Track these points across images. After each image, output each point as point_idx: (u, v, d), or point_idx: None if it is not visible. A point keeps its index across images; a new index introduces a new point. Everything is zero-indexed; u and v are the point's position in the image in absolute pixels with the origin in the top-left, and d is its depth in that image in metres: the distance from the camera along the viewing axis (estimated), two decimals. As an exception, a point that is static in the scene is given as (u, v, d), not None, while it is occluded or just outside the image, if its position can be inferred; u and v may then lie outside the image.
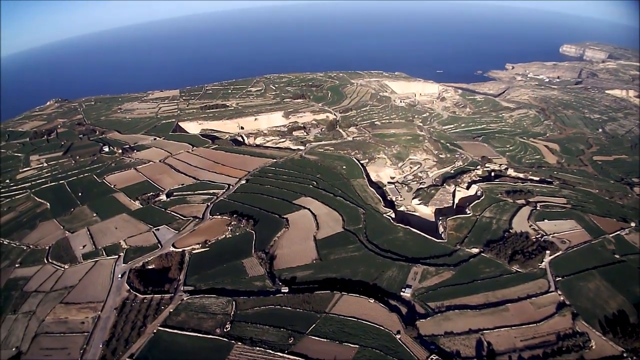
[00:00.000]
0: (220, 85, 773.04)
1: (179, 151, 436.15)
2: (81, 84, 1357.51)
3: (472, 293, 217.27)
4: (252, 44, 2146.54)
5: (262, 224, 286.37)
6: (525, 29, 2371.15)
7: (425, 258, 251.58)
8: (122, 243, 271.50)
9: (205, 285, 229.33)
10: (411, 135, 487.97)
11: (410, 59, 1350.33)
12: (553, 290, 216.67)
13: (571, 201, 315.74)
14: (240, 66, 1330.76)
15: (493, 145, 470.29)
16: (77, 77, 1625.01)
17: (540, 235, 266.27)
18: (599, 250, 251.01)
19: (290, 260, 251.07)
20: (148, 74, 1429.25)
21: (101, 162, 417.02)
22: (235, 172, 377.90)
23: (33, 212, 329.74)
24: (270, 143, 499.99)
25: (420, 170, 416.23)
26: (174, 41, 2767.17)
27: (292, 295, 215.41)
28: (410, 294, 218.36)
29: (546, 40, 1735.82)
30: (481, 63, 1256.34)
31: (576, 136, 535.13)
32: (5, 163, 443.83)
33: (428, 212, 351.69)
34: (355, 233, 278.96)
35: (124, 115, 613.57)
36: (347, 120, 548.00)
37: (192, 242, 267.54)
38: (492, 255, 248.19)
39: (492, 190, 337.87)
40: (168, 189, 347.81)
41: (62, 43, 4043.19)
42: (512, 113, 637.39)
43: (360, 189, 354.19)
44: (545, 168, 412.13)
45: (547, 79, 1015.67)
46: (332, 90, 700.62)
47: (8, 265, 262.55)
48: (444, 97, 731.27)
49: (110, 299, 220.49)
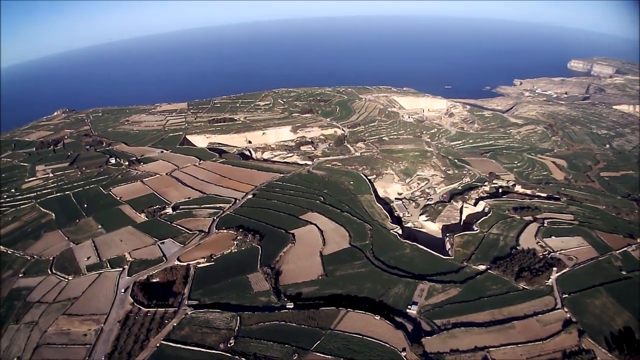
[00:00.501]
0: (228, 98, 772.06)
1: (185, 164, 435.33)
2: (89, 95, 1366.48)
3: (479, 310, 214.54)
4: (260, 58, 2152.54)
5: (268, 239, 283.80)
6: (534, 44, 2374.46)
7: (431, 275, 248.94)
8: (126, 256, 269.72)
9: (210, 299, 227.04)
10: (419, 151, 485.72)
11: (419, 74, 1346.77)
12: (559, 307, 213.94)
13: (578, 218, 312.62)
14: (248, 80, 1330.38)
15: (501, 162, 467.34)
16: (85, 88, 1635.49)
17: (547, 252, 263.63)
18: (606, 267, 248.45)
19: (296, 275, 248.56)
20: (156, 87, 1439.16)
21: (107, 174, 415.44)
22: (242, 187, 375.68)
23: (38, 222, 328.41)
24: (278, 157, 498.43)
25: (428, 187, 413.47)
26: (182, 54, 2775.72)
27: (297, 311, 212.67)
28: (416, 311, 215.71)
29: (554, 55, 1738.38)
30: (489, 78, 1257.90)
31: (583, 152, 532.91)
32: (10, 172, 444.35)
33: (435, 229, 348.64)
34: (362, 249, 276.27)
35: (131, 127, 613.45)
36: (355, 136, 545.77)
37: (198, 256, 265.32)
38: (499, 272, 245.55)
39: (500, 207, 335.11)
40: (174, 202, 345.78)
41: (71, 54, 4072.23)
42: (520, 129, 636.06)
43: (368, 204, 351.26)
44: (553, 184, 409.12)
45: (555, 95, 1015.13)
46: (341, 105, 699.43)
47: (11, 275, 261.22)
48: (452, 112, 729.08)
49: (113, 312, 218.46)
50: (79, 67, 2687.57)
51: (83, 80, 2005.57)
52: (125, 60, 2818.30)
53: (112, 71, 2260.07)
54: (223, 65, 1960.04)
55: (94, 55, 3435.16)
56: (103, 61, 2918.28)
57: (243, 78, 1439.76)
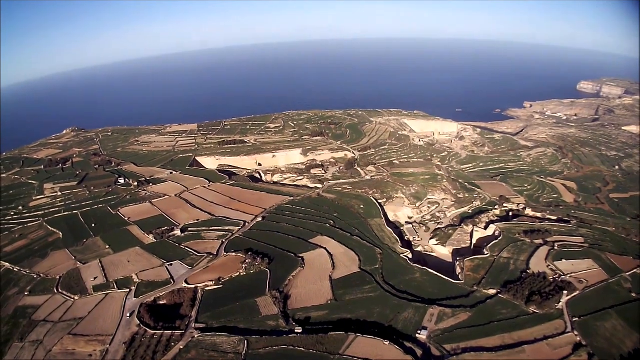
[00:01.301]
0: (238, 120, 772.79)
1: (195, 186, 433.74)
2: (98, 114, 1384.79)
3: (489, 335, 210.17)
4: (270, 80, 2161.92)
5: (277, 263, 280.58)
6: (543, 66, 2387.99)
7: (442, 299, 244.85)
8: (134, 277, 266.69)
9: (217, 323, 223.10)
10: (430, 174, 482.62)
11: (430, 97, 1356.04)
12: (570, 330, 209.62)
13: (588, 240, 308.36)
14: (258, 102, 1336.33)
15: (511, 185, 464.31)
16: (94, 107, 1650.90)
17: (558, 275, 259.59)
18: (616, 289, 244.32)
19: (304, 300, 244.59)
20: (166, 107, 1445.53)
21: (116, 194, 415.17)
22: (252, 209, 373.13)
23: (45, 240, 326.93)
24: (288, 180, 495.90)
25: (438, 210, 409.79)
26: (193, 75, 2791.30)
27: (306, 335, 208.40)
28: (426, 336, 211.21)
29: (564, 77, 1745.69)
30: (499, 101, 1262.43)
31: (593, 174, 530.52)
32: (18, 189, 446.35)
33: (445, 253, 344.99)
34: (372, 273, 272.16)
35: (140, 147, 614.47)
36: (366, 159, 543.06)
37: (206, 278, 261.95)
38: (509, 296, 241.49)
39: (510, 230, 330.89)
40: (183, 224, 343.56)
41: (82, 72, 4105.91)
42: (530, 152, 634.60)
43: (378, 228, 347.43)
44: (563, 207, 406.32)
45: (564, 117, 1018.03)
46: (351, 128, 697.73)
47: (17, 293, 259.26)
48: (462, 136, 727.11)
49: (119, 333, 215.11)
50: (89, 86, 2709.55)
51: (93, 99, 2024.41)
52: (134, 80, 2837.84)
53: (122, 91, 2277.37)
54: (233, 87, 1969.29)
55: (104, 74, 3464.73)
56: (113, 80, 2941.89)
57: (253, 100, 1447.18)
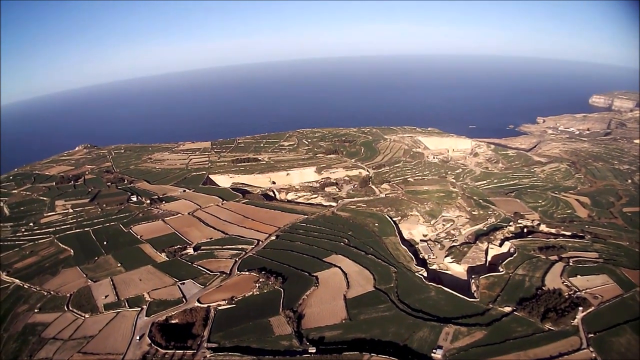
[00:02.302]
0: (252, 138, 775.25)
1: (208, 204, 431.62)
2: (111, 131, 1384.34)
3: (504, 353, 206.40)
4: (284, 98, 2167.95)
5: (291, 282, 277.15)
6: (555, 81, 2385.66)
7: (457, 318, 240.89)
8: (145, 295, 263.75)
9: (230, 342, 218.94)
10: (444, 191, 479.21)
11: (443, 113, 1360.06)
12: (585, 347, 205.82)
13: (603, 255, 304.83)
14: (272, 120, 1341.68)
15: (525, 201, 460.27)
16: (107, 124, 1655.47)
17: (573, 291, 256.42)
18: (630, 304, 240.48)
19: (318, 319, 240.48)
20: (179, 125, 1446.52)
21: (128, 212, 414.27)
22: (265, 228, 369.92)
23: (56, 257, 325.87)
24: (302, 199, 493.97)
25: (453, 228, 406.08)
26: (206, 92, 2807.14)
27: (320, 356, 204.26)
28: (441, 355, 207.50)
29: (576, 91, 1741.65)
30: (512, 117, 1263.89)
31: (606, 188, 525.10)
32: (29, 206, 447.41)
33: (460, 271, 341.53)
34: (387, 292, 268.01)
35: (153, 165, 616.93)
36: (380, 177, 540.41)
37: (218, 298, 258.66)
38: (525, 314, 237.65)
39: (525, 247, 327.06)
40: (196, 243, 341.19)
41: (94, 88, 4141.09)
42: (544, 167, 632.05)
43: (393, 246, 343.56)
44: (577, 222, 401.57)
45: (577, 132, 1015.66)
46: (365, 145, 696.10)
47: (27, 310, 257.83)
48: (476, 152, 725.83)
49: (130, 352, 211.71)
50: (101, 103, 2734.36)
51: (105, 116, 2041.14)
52: (146, 97, 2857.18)
53: (134, 108, 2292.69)
54: (246, 105, 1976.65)
55: (115, 92, 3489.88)
56: (125, 98, 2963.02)
57: (266, 118, 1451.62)
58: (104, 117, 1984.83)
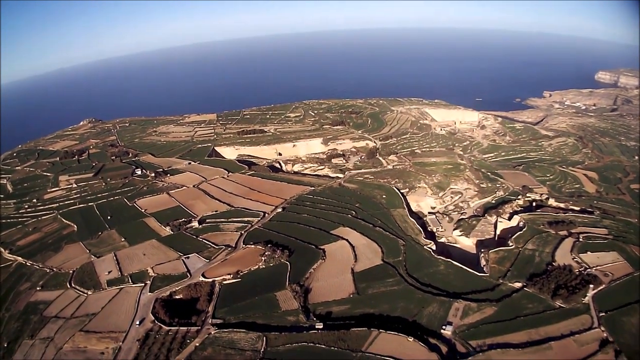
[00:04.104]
0: (258, 110, 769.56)
1: (213, 176, 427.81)
2: (116, 105, 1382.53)
3: (515, 330, 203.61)
4: (291, 70, 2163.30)
5: (297, 255, 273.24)
6: (561, 56, 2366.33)
7: (466, 293, 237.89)
8: (149, 270, 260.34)
9: (235, 318, 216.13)
10: (452, 164, 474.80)
11: (449, 86, 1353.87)
12: (596, 326, 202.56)
13: (612, 232, 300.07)
14: (278, 92, 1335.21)
15: (533, 175, 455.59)
16: (113, 99, 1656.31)
17: (584, 268, 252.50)
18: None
19: (326, 293, 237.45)
20: (185, 98, 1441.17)
21: (133, 185, 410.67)
22: (272, 200, 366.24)
23: (59, 233, 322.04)
24: (309, 170, 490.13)
25: (461, 200, 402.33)
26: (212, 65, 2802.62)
27: (327, 331, 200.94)
28: (451, 332, 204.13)
29: (581, 67, 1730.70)
30: (519, 90, 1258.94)
31: (614, 164, 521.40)
32: (33, 182, 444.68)
33: (469, 244, 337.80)
34: (395, 266, 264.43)
35: (158, 138, 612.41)
36: (387, 148, 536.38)
37: (223, 272, 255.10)
38: (535, 290, 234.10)
39: (534, 221, 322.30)
40: (201, 216, 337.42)
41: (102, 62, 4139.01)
42: (551, 141, 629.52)
43: (401, 219, 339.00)
44: (585, 197, 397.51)
45: (583, 107, 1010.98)
46: (372, 117, 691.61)
47: (29, 288, 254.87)
48: (484, 125, 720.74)
49: (133, 330, 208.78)
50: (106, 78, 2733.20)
51: (111, 91, 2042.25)
52: (153, 71, 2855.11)
53: (140, 82, 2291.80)
54: (253, 77, 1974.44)
55: (122, 66, 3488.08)
56: (131, 72, 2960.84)
57: (273, 89, 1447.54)
58: (111, 92, 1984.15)
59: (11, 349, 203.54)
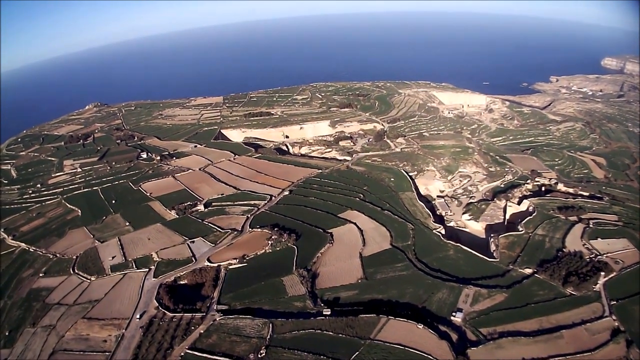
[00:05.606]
0: (265, 92, 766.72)
1: (220, 159, 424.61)
2: (122, 90, 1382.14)
3: (526, 318, 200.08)
4: (298, 53, 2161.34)
5: (304, 239, 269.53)
6: (568, 41, 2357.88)
7: (477, 279, 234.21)
8: (154, 255, 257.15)
9: (241, 304, 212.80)
10: (460, 147, 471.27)
11: (457, 69, 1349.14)
12: (607, 315, 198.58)
13: (622, 218, 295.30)
14: (285, 75, 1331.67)
15: (542, 159, 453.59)
16: (119, 83, 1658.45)
17: (594, 255, 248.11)
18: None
19: (333, 278, 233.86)
20: (191, 82, 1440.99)
21: (138, 169, 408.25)
22: (278, 183, 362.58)
23: (63, 218, 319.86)
24: (316, 153, 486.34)
25: (470, 184, 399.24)
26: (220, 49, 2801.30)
27: (335, 318, 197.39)
28: (461, 319, 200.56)
29: (588, 53, 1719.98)
30: (526, 75, 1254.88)
31: (621, 150, 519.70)
32: (37, 167, 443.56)
33: (478, 228, 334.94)
34: (404, 250, 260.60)
35: (164, 121, 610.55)
36: (395, 131, 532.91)
37: (229, 256, 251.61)
38: (546, 277, 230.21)
39: (544, 206, 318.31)
40: (206, 199, 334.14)
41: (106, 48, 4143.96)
42: (559, 126, 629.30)
43: (409, 202, 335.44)
44: (594, 183, 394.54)
45: (590, 92, 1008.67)
46: (380, 99, 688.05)
47: (32, 274, 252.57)
48: (491, 108, 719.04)
49: (136, 316, 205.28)
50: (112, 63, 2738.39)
51: (117, 75, 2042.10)
52: (158, 55, 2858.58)
53: (146, 66, 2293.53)
54: (260, 60, 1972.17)
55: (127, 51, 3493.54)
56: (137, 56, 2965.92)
57: (280, 72, 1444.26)
58: (116, 76, 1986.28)
59: (12, 338, 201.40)
